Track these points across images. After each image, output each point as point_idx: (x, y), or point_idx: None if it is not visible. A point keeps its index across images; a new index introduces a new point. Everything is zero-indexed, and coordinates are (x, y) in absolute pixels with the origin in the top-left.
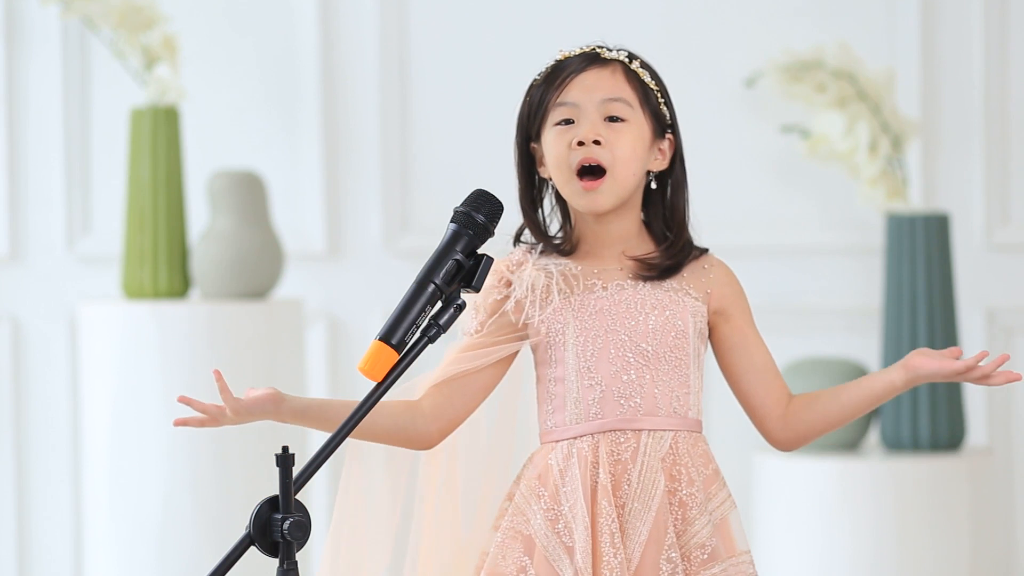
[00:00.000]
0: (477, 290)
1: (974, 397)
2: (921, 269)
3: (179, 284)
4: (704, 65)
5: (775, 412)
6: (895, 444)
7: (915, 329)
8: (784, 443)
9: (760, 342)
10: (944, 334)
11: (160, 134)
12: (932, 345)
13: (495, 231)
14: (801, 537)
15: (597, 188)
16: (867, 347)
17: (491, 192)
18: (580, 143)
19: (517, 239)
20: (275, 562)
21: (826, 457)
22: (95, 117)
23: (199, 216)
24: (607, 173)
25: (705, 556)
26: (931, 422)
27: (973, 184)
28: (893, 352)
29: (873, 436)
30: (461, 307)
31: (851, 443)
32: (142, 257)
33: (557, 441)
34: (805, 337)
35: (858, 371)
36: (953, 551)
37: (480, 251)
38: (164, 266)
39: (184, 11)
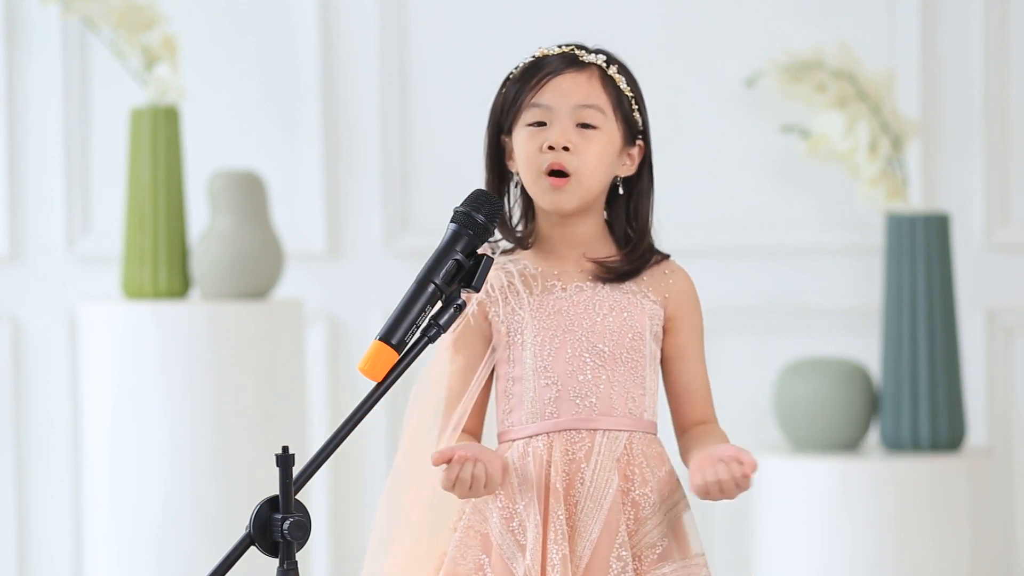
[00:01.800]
0: (477, 290)
1: (974, 397)
2: (921, 269)
3: (179, 284)
4: (704, 65)
5: (678, 429)
6: (895, 444)
7: (915, 329)
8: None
9: (696, 361)
10: (944, 334)
11: (160, 134)
12: (932, 345)
13: (495, 231)
14: (801, 537)
15: (563, 187)
16: (867, 347)
17: (491, 192)
18: (550, 147)
19: None
20: (275, 562)
21: (826, 457)
22: (95, 117)
23: (199, 216)
24: (572, 176)
25: (655, 556)
26: (931, 422)
27: (973, 184)
28: (893, 352)
29: (873, 436)
30: (461, 307)
31: (851, 443)
32: (142, 257)
33: (513, 440)
34: (805, 337)
35: (858, 371)
36: (953, 551)
37: (480, 251)
38: (164, 266)
39: (184, 11)
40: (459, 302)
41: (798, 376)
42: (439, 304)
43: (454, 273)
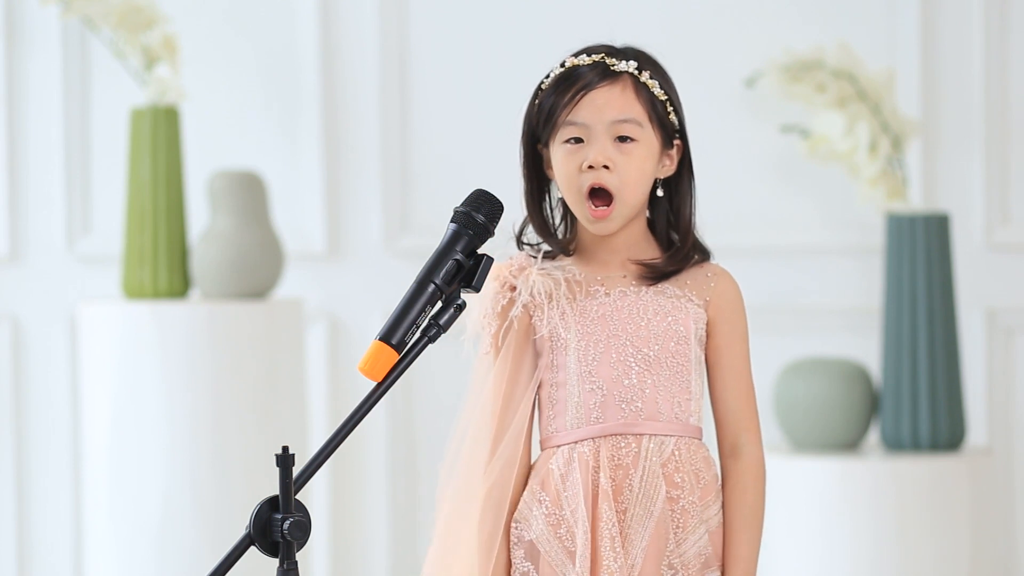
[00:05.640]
0: (477, 290)
1: (974, 397)
2: (921, 269)
3: (179, 284)
4: (704, 65)
5: (718, 441)
6: (895, 444)
7: (915, 329)
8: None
9: (732, 370)
10: (944, 334)
11: (160, 134)
12: (932, 345)
13: (495, 231)
14: (801, 537)
15: (607, 216)
16: (867, 347)
17: (491, 192)
18: (590, 166)
19: (519, 238)
20: (275, 562)
21: (826, 457)
22: (95, 117)
23: (199, 216)
24: (615, 199)
25: (701, 563)
26: (931, 422)
27: (973, 184)
28: (893, 352)
29: (873, 436)
30: (461, 307)
31: (851, 443)
32: (142, 257)
33: (558, 446)
34: (805, 337)
35: (858, 371)
36: (953, 551)
37: (480, 251)
38: (164, 266)
39: (184, 11)
40: (459, 302)
41: (798, 376)
42: (439, 304)
43: (454, 273)
